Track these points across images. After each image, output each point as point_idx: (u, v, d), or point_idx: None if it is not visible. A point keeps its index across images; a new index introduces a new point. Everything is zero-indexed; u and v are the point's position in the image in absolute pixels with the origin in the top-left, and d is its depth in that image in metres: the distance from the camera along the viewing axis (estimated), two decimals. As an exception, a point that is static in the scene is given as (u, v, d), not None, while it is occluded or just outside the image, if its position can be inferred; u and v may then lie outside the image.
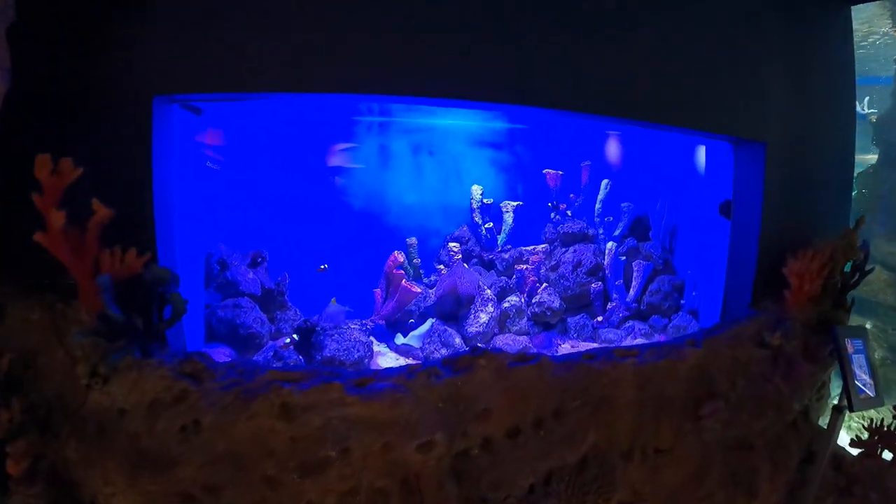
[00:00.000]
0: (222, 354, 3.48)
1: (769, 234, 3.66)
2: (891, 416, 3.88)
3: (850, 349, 3.53)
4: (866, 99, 5.42)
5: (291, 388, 2.24)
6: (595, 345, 4.12)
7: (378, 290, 4.06)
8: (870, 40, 5.68)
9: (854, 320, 5.43)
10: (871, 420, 3.90)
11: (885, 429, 3.81)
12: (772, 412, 3.43)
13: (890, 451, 3.83)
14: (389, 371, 2.46)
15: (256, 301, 3.87)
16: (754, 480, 3.12)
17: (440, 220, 4.91)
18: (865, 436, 3.70)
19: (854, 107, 4.18)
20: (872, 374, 3.61)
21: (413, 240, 4.69)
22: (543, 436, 2.53)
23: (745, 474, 3.11)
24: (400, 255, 4.08)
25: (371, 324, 3.94)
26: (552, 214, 4.95)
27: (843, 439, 3.82)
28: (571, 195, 5.04)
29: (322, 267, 4.05)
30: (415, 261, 4.65)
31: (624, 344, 4.08)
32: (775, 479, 3.21)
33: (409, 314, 4.10)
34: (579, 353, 2.68)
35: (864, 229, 5.17)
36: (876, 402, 3.59)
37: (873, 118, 5.46)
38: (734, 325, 3.48)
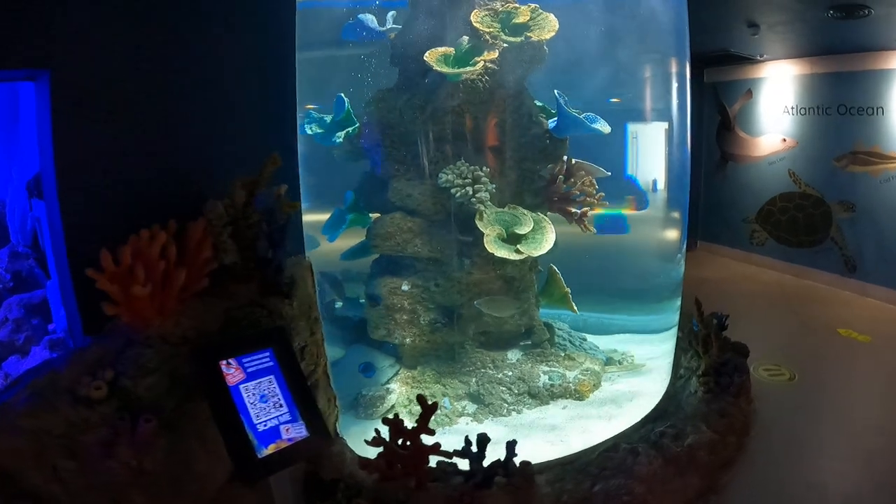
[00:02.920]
0: None
1: (93, 212, 2.46)
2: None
3: (236, 377, 2.24)
4: (390, 14, 4.26)
5: None
6: None
7: None
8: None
9: (390, 283, 4.29)
10: (377, 431, 2.81)
11: (391, 444, 2.74)
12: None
13: (406, 469, 2.79)
14: None
15: None
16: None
17: None
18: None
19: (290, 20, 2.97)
20: (299, 400, 2.38)
21: None
22: None
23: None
24: None
25: None
26: None
27: None
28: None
29: None
30: None
31: None
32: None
33: None
34: None
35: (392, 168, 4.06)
36: (313, 444, 2.37)
37: (392, 35, 4.35)
38: (43, 371, 2.16)
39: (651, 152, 5.07)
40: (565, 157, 4.36)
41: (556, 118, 4.27)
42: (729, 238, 10.22)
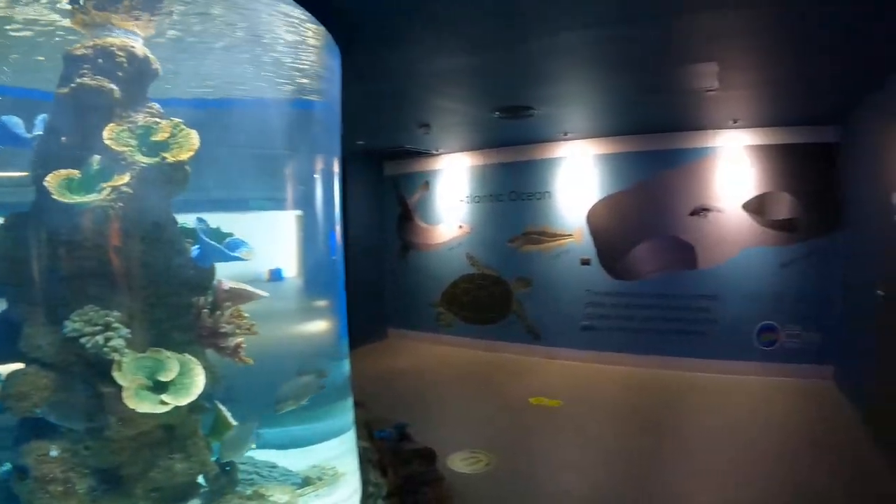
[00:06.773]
0: None
1: None
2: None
3: None
4: (41, 117, 3.54)
5: None
6: None
7: None
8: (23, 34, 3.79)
9: (38, 450, 3.59)
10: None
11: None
12: None
13: None
14: None
15: None
16: None
17: None
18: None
19: None
20: None
21: None
22: None
23: None
24: None
25: None
26: None
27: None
28: None
29: None
30: None
31: None
32: None
33: None
34: None
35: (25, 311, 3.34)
36: None
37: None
38: None
39: (281, 244, 4.90)
40: (216, 282, 4.02)
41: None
42: (418, 323, 10.70)
